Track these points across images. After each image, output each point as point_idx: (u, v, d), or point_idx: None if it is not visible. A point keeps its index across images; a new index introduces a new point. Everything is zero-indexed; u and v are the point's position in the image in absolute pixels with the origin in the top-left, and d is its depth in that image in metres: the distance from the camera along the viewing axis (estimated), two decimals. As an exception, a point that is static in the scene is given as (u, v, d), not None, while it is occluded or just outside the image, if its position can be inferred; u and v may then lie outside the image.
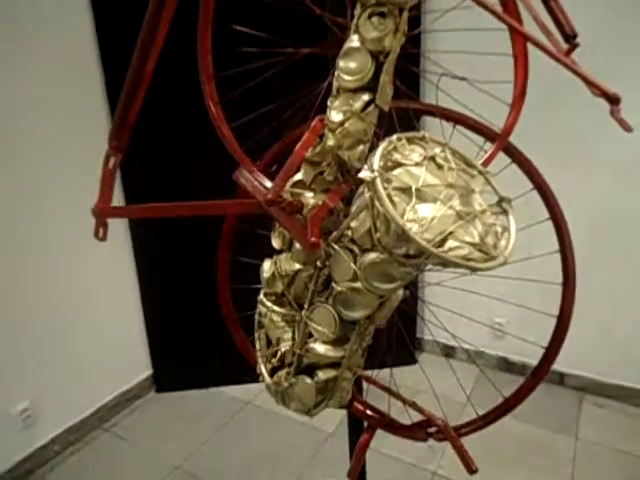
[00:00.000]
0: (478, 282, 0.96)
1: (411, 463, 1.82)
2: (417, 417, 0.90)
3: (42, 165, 1.73)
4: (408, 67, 0.72)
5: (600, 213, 1.91)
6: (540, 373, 0.80)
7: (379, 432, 0.90)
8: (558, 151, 1.89)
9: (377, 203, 0.45)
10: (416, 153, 0.50)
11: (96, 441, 1.99)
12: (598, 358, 2.07)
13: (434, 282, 2.03)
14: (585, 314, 2.01)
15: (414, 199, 0.45)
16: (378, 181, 0.45)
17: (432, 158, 0.50)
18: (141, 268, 2.13)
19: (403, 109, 0.79)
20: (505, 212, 0.50)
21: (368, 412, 0.89)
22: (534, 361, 2.18)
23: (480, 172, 0.52)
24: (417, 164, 0.48)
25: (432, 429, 0.85)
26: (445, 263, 0.45)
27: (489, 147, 0.74)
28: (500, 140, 0.73)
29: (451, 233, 0.44)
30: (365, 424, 0.90)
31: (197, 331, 2.22)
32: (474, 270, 0.44)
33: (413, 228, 0.44)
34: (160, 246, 2.07)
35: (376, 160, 0.46)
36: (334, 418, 2.00)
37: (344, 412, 0.97)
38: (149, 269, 2.14)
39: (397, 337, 0.89)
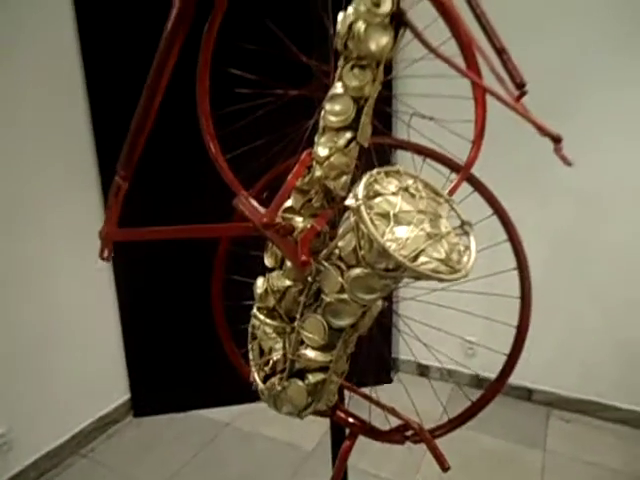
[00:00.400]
0: (447, 299, 1.07)
1: (388, 478, 1.88)
2: (395, 423, 0.99)
3: (27, 176, 1.78)
4: (383, 108, 0.83)
5: (559, 237, 2.07)
6: (502, 379, 0.90)
7: (357, 449, 0.97)
8: (523, 181, 2.05)
9: (362, 226, 0.54)
10: (392, 184, 0.60)
11: (73, 467, 1.98)
12: (563, 374, 2.20)
13: (408, 297, 2.13)
14: (548, 332, 2.16)
15: (392, 223, 0.55)
16: (362, 208, 0.54)
17: (406, 189, 0.60)
18: (121, 292, 2.16)
19: (380, 144, 0.90)
20: (467, 234, 0.61)
21: (350, 420, 0.97)
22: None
23: (446, 200, 0.63)
24: (394, 194, 0.58)
25: (409, 433, 0.93)
26: (418, 276, 0.54)
27: (454, 177, 0.85)
28: (463, 172, 0.84)
29: (422, 250, 0.54)
30: (347, 431, 0.98)
31: (175, 355, 2.26)
32: (441, 281, 0.53)
33: (392, 246, 0.53)
34: (140, 270, 2.12)
35: (360, 190, 0.56)
36: (314, 437, 2.05)
37: (324, 431, 1.05)
38: (129, 293, 2.17)
39: (374, 358, 0.98)
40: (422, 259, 0.54)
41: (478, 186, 0.86)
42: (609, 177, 1.92)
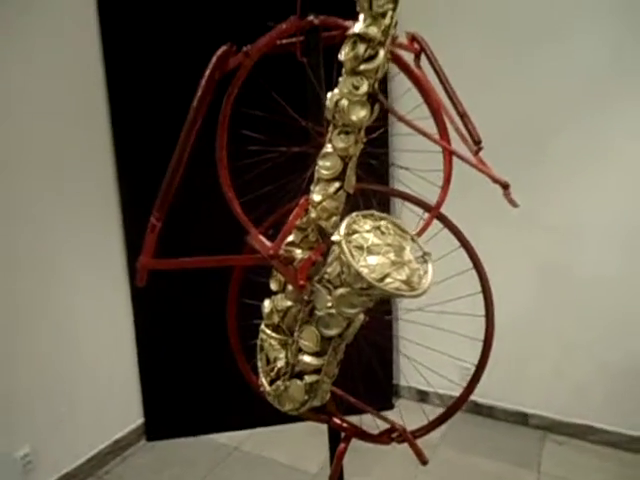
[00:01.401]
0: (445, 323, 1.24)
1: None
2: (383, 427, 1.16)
3: (46, 200, 1.99)
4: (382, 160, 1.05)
5: (546, 268, 2.25)
6: (471, 386, 1.07)
7: (362, 470, 1.11)
8: (511, 218, 2.25)
9: (342, 256, 0.74)
10: (367, 224, 0.80)
11: (90, 487, 2.13)
12: (556, 398, 2.33)
13: (409, 320, 2.30)
14: (541, 358, 2.31)
15: (365, 253, 0.75)
16: (343, 242, 0.74)
17: (378, 227, 0.80)
18: (138, 325, 2.36)
19: (368, 190, 1.11)
20: (426, 262, 0.80)
21: (344, 425, 1.14)
22: (502, 403, 2.54)
23: (410, 236, 0.83)
24: (367, 231, 0.78)
25: (394, 434, 1.10)
26: (385, 293, 0.73)
27: (427, 216, 1.06)
28: (433, 211, 1.05)
29: (388, 274, 0.74)
30: (342, 435, 1.15)
31: (187, 382, 2.43)
32: (401, 297, 0.72)
33: (364, 271, 0.73)
34: (156, 301, 2.32)
35: (342, 229, 0.76)
36: (318, 461, 2.19)
37: (326, 455, 1.22)
38: (145, 326, 2.37)
39: (376, 385, 1.15)
40: (387, 280, 0.74)
41: (447, 223, 1.06)
42: (584, 212, 2.12)
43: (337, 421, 1.14)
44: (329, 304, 0.81)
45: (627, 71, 1.95)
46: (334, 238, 0.77)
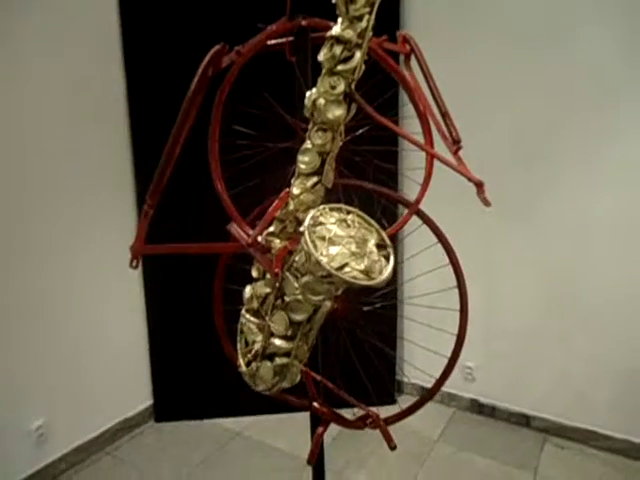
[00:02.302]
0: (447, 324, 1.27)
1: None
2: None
3: (71, 209, 2.12)
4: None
5: (552, 272, 2.25)
6: (443, 376, 1.11)
7: (356, 462, 1.14)
8: (520, 221, 2.26)
9: (304, 245, 0.80)
10: (334, 217, 0.86)
11: (99, 462, 2.26)
12: (559, 402, 2.34)
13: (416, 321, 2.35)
14: (545, 362, 2.32)
15: (327, 244, 0.80)
16: (306, 233, 0.80)
17: (344, 220, 0.86)
18: (150, 313, 2.48)
19: (354, 187, 1.16)
20: (387, 255, 0.85)
21: (324, 410, 1.20)
22: (501, 403, 2.59)
23: (376, 229, 0.88)
24: (332, 223, 0.84)
25: (368, 420, 1.15)
26: (343, 281, 0.79)
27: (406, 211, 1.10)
28: (412, 207, 1.09)
29: (347, 264, 0.79)
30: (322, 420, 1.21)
31: (194, 368, 2.54)
32: (357, 285, 0.78)
33: (324, 260, 0.78)
34: (167, 290, 2.43)
35: (307, 220, 0.82)
36: (315, 449, 2.26)
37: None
38: (155, 315, 2.50)
39: (378, 380, 1.21)
40: (346, 269, 0.79)
41: (425, 218, 1.10)
42: (592, 218, 2.11)
43: (317, 406, 1.21)
44: (296, 291, 0.88)
45: (630, 77, 1.94)
46: (301, 229, 0.83)
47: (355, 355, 1.49)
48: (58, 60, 2.01)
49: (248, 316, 1.04)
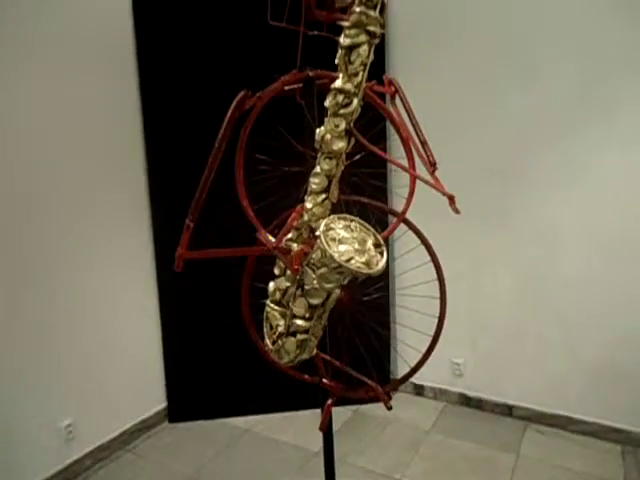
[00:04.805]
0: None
1: (382, 474, 2.34)
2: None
3: (84, 220, 2.40)
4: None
5: (526, 271, 2.58)
6: (428, 352, 1.42)
7: (357, 449, 1.39)
8: (497, 225, 2.60)
9: (321, 245, 1.11)
10: (341, 224, 1.17)
11: (121, 458, 2.51)
12: (538, 392, 2.64)
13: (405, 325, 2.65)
14: (522, 354, 2.63)
15: (337, 243, 1.11)
16: (322, 235, 1.11)
17: (348, 226, 1.17)
18: (164, 324, 2.77)
19: (353, 201, 1.48)
20: (382, 252, 1.16)
21: (332, 385, 1.50)
22: (489, 396, 2.96)
23: (372, 233, 1.19)
24: (340, 228, 1.15)
25: (369, 390, 1.45)
26: (350, 271, 1.09)
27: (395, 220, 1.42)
28: (399, 217, 1.41)
29: (352, 257, 1.10)
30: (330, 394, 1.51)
31: (205, 371, 2.82)
32: (360, 274, 1.08)
33: (335, 255, 1.09)
34: (181, 297, 2.72)
35: (322, 226, 1.13)
36: (319, 441, 2.52)
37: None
38: (169, 324, 2.78)
39: (374, 377, 1.50)
40: (352, 262, 1.10)
41: (410, 226, 1.42)
42: (561, 224, 2.46)
43: (326, 381, 1.51)
44: (314, 281, 1.18)
45: (592, 104, 2.30)
46: (316, 233, 1.14)
47: (358, 339, 1.78)
48: (76, 78, 2.30)
49: (272, 305, 1.35)
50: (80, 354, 2.38)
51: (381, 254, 1.17)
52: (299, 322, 1.24)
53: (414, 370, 1.45)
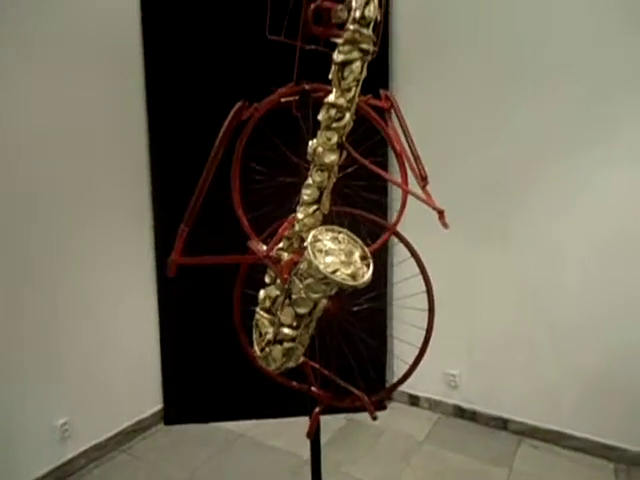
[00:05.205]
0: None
1: (372, 482, 2.35)
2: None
3: (86, 221, 2.44)
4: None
5: (523, 283, 2.59)
6: (414, 364, 1.44)
7: (349, 458, 1.41)
8: (497, 237, 2.61)
9: (308, 256, 1.13)
10: (328, 236, 1.20)
11: (115, 459, 2.54)
12: (532, 406, 2.65)
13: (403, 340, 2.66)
14: (519, 368, 2.63)
15: (324, 254, 1.14)
16: (309, 247, 1.14)
17: (336, 238, 1.20)
18: (162, 326, 2.81)
19: (345, 213, 1.51)
20: (368, 264, 1.19)
21: (320, 393, 1.52)
22: (484, 409, 2.98)
23: (360, 245, 1.22)
24: (328, 240, 1.18)
25: (356, 400, 1.47)
26: (336, 282, 1.12)
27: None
28: (390, 230, 1.44)
29: (338, 269, 1.13)
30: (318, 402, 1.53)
31: (201, 375, 2.85)
32: (345, 285, 1.11)
33: (321, 266, 1.12)
34: (181, 302, 2.76)
35: (309, 238, 1.16)
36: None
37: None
38: (168, 327, 2.82)
39: (370, 387, 1.52)
40: (337, 273, 1.13)
41: (401, 238, 1.45)
42: (559, 239, 2.47)
43: (314, 390, 1.53)
44: (301, 290, 1.21)
45: (595, 121, 2.32)
46: (305, 244, 1.17)
47: (348, 349, 1.81)
48: (82, 77, 2.35)
49: (262, 313, 1.38)
50: (79, 354, 2.42)
51: (367, 266, 1.19)
52: (286, 330, 1.27)
53: (400, 381, 1.47)
